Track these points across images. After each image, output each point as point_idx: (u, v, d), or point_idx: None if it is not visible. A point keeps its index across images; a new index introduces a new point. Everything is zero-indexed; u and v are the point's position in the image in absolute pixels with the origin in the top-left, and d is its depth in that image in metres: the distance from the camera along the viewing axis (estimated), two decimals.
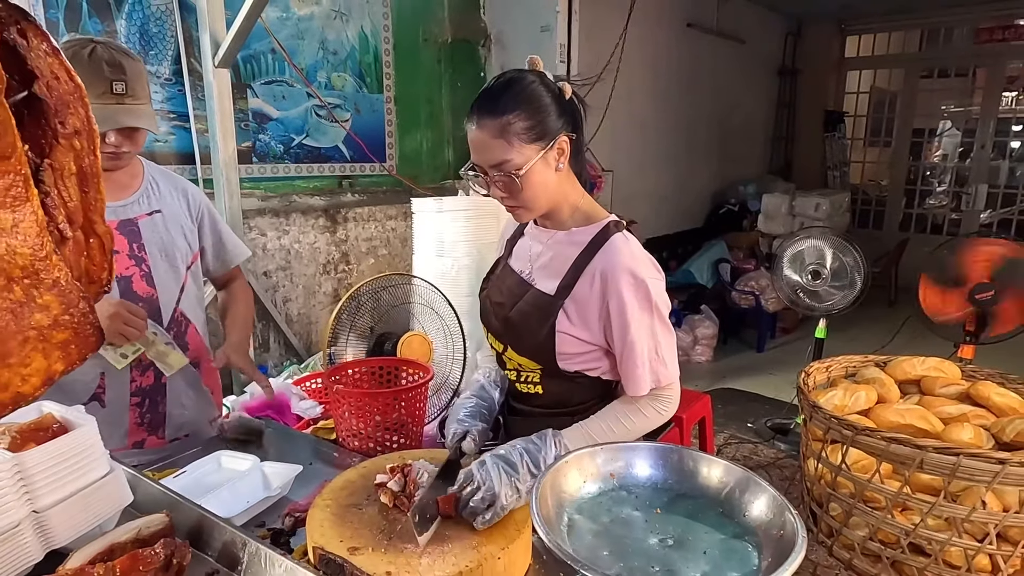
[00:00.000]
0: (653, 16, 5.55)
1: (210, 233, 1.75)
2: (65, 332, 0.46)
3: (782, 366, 5.20)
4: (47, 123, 0.45)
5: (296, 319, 3.59)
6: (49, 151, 0.46)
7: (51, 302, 0.45)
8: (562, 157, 1.18)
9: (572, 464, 0.78)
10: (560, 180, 1.21)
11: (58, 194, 0.46)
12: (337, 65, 3.59)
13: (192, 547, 1.04)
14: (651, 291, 1.18)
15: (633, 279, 1.16)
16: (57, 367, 0.46)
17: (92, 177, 0.49)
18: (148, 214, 1.60)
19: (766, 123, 8.09)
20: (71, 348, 0.46)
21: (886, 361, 1.59)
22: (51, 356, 0.45)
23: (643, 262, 1.20)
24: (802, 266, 3.05)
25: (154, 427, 1.64)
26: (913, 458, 1.09)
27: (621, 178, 5.62)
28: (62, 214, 0.47)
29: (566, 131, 1.18)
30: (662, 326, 1.21)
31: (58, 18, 2.54)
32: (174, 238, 1.63)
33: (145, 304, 1.57)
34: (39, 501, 1.00)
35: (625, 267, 1.17)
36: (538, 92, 1.15)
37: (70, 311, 0.46)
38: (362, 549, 0.94)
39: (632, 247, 1.21)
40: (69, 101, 0.45)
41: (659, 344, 1.20)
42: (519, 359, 1.29)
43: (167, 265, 1.62)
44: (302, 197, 3.56)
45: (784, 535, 0.66)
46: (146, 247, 1.58)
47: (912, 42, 8.07)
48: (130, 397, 1.59)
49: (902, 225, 8.22)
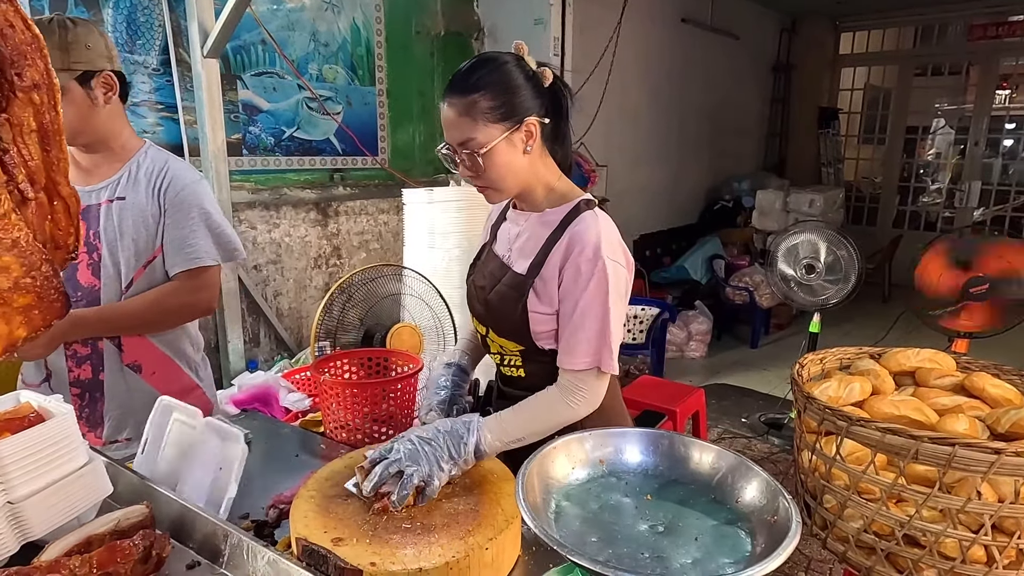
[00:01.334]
0: (647, 11, 5.53)
1: (170, 227, 1.56)
2: (27, 296, 0.43)
3: (776, 361, 5.21)
4: (3, 75, 0.42)
5: (287, 313, 3.56)
6: (6, 105, 0.43)
7: (11, 263, 0.42)
8: (530, 139, 1.18)
9: (560, 450, 0.76)
10: (531, 162, 1.21)
11: (17, 152, 0.44)
12: (329, 57, 3.55)
13: (173, 539, 1.02)
14: (608, 272, 1.14)
15: (593, 255, 1.15)
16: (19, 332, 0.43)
17: (54, 135, 0.46)
18: (110, 200, 1.52)
19: (760, 119, 8.09)
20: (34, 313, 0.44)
21: (881, 353, 1.57)
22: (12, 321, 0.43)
23: (608, 242, 1.17)
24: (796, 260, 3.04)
25: (92, 424, 1.58)
26: (908, 449, 1.07)
27: (615, 173, 5.61)
28: (22, 173, 0.44)
29: (538, 114, 1.17)
30: (615, 315, 1.16)
31: (43, 6, 2.50)
32: (132, 229, 1.52)
33: (84, 295, 1.51)
34: (14, 492, 0.97)
35: (587, 242, 1.16)
36: (508, 73, 1.16)
37: (32, 274, 0.43)
38: (346, 540, 0.92)
39: (600, 225, 1.18)
40: (26, 52, 0.43)
41: (608, 328, 1.15)
42: (500, 341, 1.30)
43: (119, 257, 1.52)
44: (293, 190, 3.52)
45: (778, 520, 0.64)
46: (101, 235, 1.50)
47: (906, 39, 8.08)
48: (69, 387, 1.54)
49: (896, 222, 8.24)
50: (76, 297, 1.49)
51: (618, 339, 1.18)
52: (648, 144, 6.08)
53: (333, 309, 1.80)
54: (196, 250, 1.56)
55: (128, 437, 1.58)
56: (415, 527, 0.94)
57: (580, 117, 4.77)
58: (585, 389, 1.18)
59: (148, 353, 1.60)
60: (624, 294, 1.20)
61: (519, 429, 1.15)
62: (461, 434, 1.09)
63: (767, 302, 5.70)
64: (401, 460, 1.02)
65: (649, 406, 2.85)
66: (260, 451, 1.48)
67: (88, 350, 1.54)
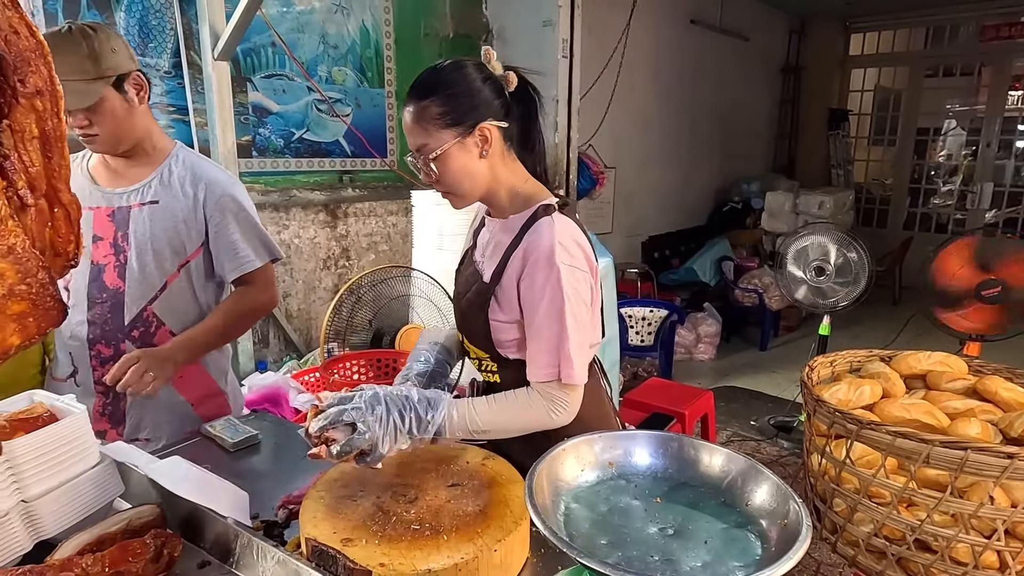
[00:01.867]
0: (656, 12, 5.53)
1: (219, 235, 1.59)
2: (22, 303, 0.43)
3: (785, 364, 5.18)
4: (6, 81, 0.42)
5: (296, 314, 3.58)
6: (8, 111, 0.43)
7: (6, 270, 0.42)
8: (486, 144, 1.16)
9: (569, 451, 0.76)
10: (491, 167, 1.19)
11: (18, 158, 0.44)
12: (338, 59, 3.57)
13: (184, 538, 1.02)
14: (562, 278, 1.11)
15: (546, 263, 1.12)
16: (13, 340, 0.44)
17: (56, 142, 0.46)
18: (141, 204, 1.53)
19: (769, 121, 8.06)
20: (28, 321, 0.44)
21: (891, 356, 1.56)
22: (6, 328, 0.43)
23: (562, 247, 1.12)
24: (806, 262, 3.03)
25: (115, 422, 1.58)
26: (919, 452, 1.07)
27: (623, 175, 5.60)
28: (22, 179, 0.44)
29: (495, 118, 1.16)
30: (573, 321, 1.11)
31: (56, 9, 2.53)
32: (164, 233, 1.53)
33: (109, 297, 1.52)
34: (27, 490, 0.98)
35: (541, 250, 1.13)
36: (461, 79, 1.15)
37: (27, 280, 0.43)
38: (356, 541, 0.92)
39: (556, 230, 1.13)
40: (30, 58, 0.43)
41: (566, 338, 1.11)
42: (473, 348, 1.30)
43: (149, 260, 1.53)
44: (302, 192, 3.54)
45: (788, 524, 0.63)
46: (130, 238, 1.51)
47: (917, 40, 8.03)
48: (94, 385, 1.55)
49: (906, 224, 8.19)
50: (102, 299, 1.51)
51: (580, 346, 1.13)
52: (657, 146, 6.07)
53: (342, 310, 1.81)
54: (248, 253, 1.60)
55: (147, 437, 1.59)
56: (424, 528, 0.95)
57: (588, 119, 4.77)
58: (560, 400, 1.14)
59: None
60: (586, 297, 1.15)
61: (489, 422, 1.12)
62: (428, 410, 1.06)
63: (776, 304, 5.67)
64: (361, 410, 1.01)
65: (657, 408, 2.84)
66: (269, 451, 1.49)
67: (111, 351, 1.54)
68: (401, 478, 1.09)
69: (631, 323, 4.43)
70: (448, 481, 1.08)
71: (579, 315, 1.13)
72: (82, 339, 1.52)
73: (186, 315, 1.61)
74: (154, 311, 1.56)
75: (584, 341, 1.15)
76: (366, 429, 1.00)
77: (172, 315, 1.58)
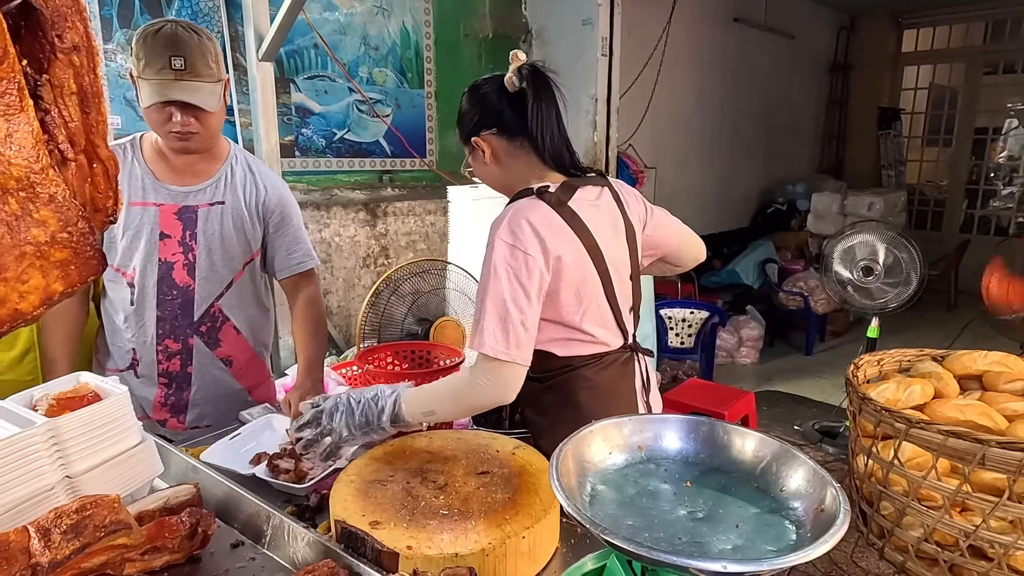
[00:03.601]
0: (698, 10, 5.44)
1: (278, 235, 1.67)
2: (64, 251, 0.45)
3: (831, 369, 5.02)
4: (44, 36, 0.44)
5: (336, 311, 3.64)
6: (47, 66, 0.45)
7: (48, 217, 0.44)
8: (486, 153, 1.30)
9: (597, 433, 0.74)
10: (502, 168, 1.32)
11: (58, 113, 0.45)
12: (379, 60, 3.62)
13: (218, 518, 1.04)
14: (494, 251, 1.15)
15: (490, 240, 1.18)
16: (56, 287, 0.45)
17: (93, 97, 0.48)
18: (210, 204, 1.57)
19: (816, 121, 7.84)
20: (70, 268, 0.45)
21: (944, 355, 1.49)
22: (50, 275, 0.44)
23: (510, 227, 1.16)
24: (853, 262, 2.91)
25: (176, 411, 1.64)
26: (974, 453, 1.01)
27: (664, 175, 5.53)
28: (63, 134, 0.46)
29: (487, 129, 1.29)
30: (493, 292, 1.13)
31: (111, 14, 2.63)
32: (232, 232, 1.59)
33: (179, 294, 1.57)
34: (72, 467, 1.01)
35: (493, 227, 1.19)
36: (463, 103, 1.33)
37: (68, 229, 0.45)
38: (384, 524, 0.92)
39: (512, 211, 1.18)
40: (66, 14, 0.44)
41: (484, 310, 1.14)
42: None
43: (217, 258, 1.59)
44: (343, 191, 3.60)
45: (824, 510, 0.60)
46: (198, 237, 1.56)
47: (975, 35, 7.69)
48: (158, 377, 1.61)
49: (963, 227, 7.85)
50: (172, 296, 1.57)
51: (502, 320, 1.12)
52: (699, 146, 5.97)
53: (379, 305, 1.83)
54: (303, 254, 1.71)
55: (208, 424, 1.66)
56: (452, 513, 0.94)
57: (628, 118, 4.73)
58: (480, 371, 1.14)
59: (241, 349, 1.70)
60: (523, 278, 1.14)
61: (429, 402, 1.16)
62: (381, 405, 1.16)
63: (822, 308, 5.50)
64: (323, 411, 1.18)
65: (696, 408, 2.78)
66: None
67: (179, 346, 1.60)
68: (431, 465, 1.09)
69: (671, 324, 4.36)
70: (478, 469, 1.07)
71: (507, 291, 1.13)
72: (151, 334, 1.57)
73: (248, 310, 1.68)
74: (220, 307, 1.62)
75: (513, 318, 1.13)
76: (328, 425, 1.17)
77: (236, 311, 1.65)
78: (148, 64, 1.38)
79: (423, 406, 1.16)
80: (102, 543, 0.80)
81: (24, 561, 0.74)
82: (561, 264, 1.18)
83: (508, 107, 1.27)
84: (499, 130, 1.28)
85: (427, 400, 1.16)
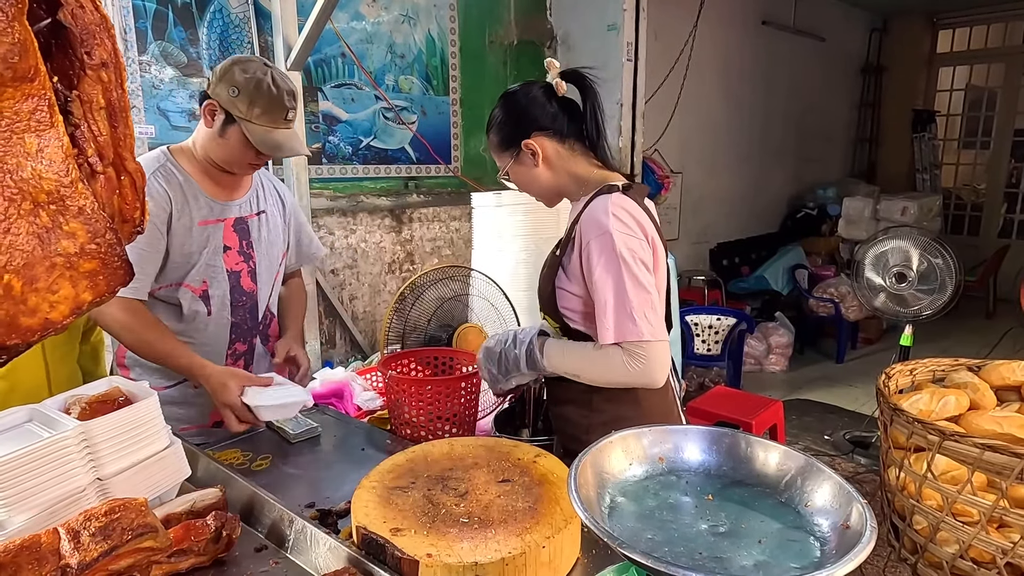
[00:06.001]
0: (725, 13, 5.39)
1: (294, 232, 1.84)
2: (92, 262, 0.46)
3: (863, 378, 4.90)
4: (74, 53, 0.45)
5: (361, 316, 3.67)
6: (77, 82, 0.46)
7: (77, 229, 0.45)
8: (537, 156, 1.31)
9: (616, 444, 0.74)
10: (552, 169, 1.33)
11: (87, 127, 0.47)
12: (404, 68, 3.66)
13: (243, 522, 1.06)
14: (616, 242, 1.19)
15: (599, 229, 1.20)
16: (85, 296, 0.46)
17: (121, 112, 0.49)
18: (256, 214, 1.70)
19: (848, 124, 7.70)
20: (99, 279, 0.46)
21: (980, 365, 1.44)
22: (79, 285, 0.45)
23: (615, 216, 1.21)
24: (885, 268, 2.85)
25: None
26: (1012, 467, 0.97)
27: (691, 180, 5.48)
28: (92, 148, 0.47)
29: (540, 131, 1.30)
30: (631, 280, 1.18)
31: (146, 27, 2.70)
32: (274, 238, 1.74)
33: (248, 300, 1.69)
34: (103, 469, 1.04)
35: (594, 219, 1.22)
36: (505, 108, 1.33)
37: (96, 240, 0.46)
38: (405, 531, 0.92)
39: (610, 203, 1.22)
40: (95, 31, 0.46)
41: (627, 298, 1.18)
42: (546, 318, 1.41)
43: (268, 263, 1.72)
44: (369, 197, 3.64)
45: (850, 527, 0.59)
46: (254, 245, 1.68)
47: (1014, 35, 7.48)
48: None
49: (1002, 232, 7.62)
50: (242, 302, 1.68)
51: (641, 304, 1.19)
52: (726, 150, 5.90)
53: (403, 310, 1.84)
54: (317, 244, 1.95)
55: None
56: (473, 521, 0.94)
57: (654, 123, 4.70)
58: (637, 359, 1.19)
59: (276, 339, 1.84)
60: (641, 261, 1.21)
61: (578, 367, 1.28)
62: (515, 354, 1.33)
63: (854, 315, 5.39)
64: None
65: (723, 417, 2.74)
66: (329, 444, 1.52)
67: (245, 347, 1.72)
68: (452, 472, 1.09)
69: (697, 331, 4.30)
70: (499, 477, 1.07)
71: (641, 275, 1.19)
72: (225, 339, 1.67)
73: (278, 304, 1.84)
74: (270, 307, 1.78)
75: (647, 299, 1.20)
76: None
77: (275, 308, 1.82)
78: (266, 112, 1.49)
79: (569, 367, 1.29)
80: (129, 546, 0.82)
81: (55, 562, 0.76)
82: (655, 251, 1.26)
83: (559, 110, 1.31)
84: (553, 132, 1.30)
85: (575, 364, 1.28)
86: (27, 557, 0.76)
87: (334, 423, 1.66)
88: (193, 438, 1.58)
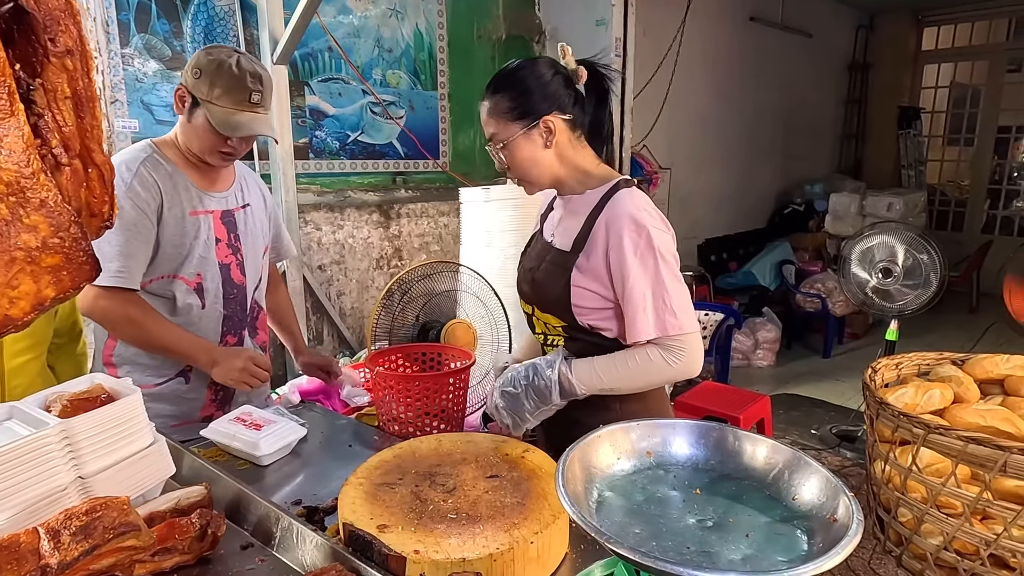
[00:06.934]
0: (714, 9, 5.40)
1: (273, 227, 1.86)
2: (55, 256, 0.45)
3: (850, 372, 4.95)
4: (37, 40, 0.44)
5: (349, 312, 3.65)
6: (40, 70, 0.45)
7: (39, 223, 0.44)
8: (551, 136, 1.25)
9: (604, 438, 0.73)
10: (558, 154, 1.28)
11: (52, 117, 0.45)
12: (392, 63, 3.63)
13: (228, 520, 1.04)
14: (653, 239, 1.18)
15: (635, 225, 1.19)
16: (48, 292, 0.45)
17: (88, 102, 0.48)
18: (242, 207, 1.69)
19: (835, 120, 7.75)
20: (63, 274, 0.45)
21: (964, 359, 1.45)
22: (41, 280, 0.44)
23: (647, 212, 1.21)
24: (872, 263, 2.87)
25: (222, 404, 1.71)
26: (995, 460, 0.98)
27: (679, 176, 5.49)
28: (56, 139, 0.46)
29: (559, 111, 1.24)
30: (669, 275, 1.19)
31: (129, 19, 2.66)
32: (258, 231, 1.74)
33: (238, 292, 1.68)
34: (85, 467, 1.02)
35: (627, 215, 1.20)
36: (530, 75, 1.25)
37: (60, 234, 0.44)
38: (392, 527, 0.92)
39: (637, 199, 1.22)
40: (59, 17, 0.44)
41: (666, 292, 1.18)
42: (544, 317, 1.35)
43: (253, 256, 1.72)
44: (357, 193, 3.61)
45: (837, 519, 0.59)
46: (241, 238, 1.68)
47: (998, 33, 7.56)
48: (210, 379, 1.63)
49: (985, 228, 7.71)
50: (233, 295, 1.67)
51: (680, 297, 1.19)
52: (714, 146, 5.92)
53: (391, 306, 1.83)
54: (288, 241, 1.96)
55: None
56: (461, 517, 0.93)
57: (642, 119, 4.70)
58: (675, 348, 1.19)
59: (266, 333, 1.85)
60: (673, 253, 1.22)
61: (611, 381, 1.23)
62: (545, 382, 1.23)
63: (841, 310, 5.43)
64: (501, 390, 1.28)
65: (711, 412, 2.75)
66: (315, 440, 1.51)
67: (235, 339, 1.72)
68: (440, 468, 1.09)
69: None
70: (487, 472, 1.07)
71: (673, 271, 1.20)
72: (217, 332, 1.66)
73: (263, 301, 1.83)
74: (257, 299, 1.77)
75: (684, 293, 1.20)
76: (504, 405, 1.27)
77: (263, 301, 1.82)
78: (227, 93, 1.46)
79: (607, 382, 1.22)
80: (111, 545, 0.81)
81: (34, 562, 0.75)
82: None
83: (576, 98, 1.28)
84: (570, 117, 1.27)
85: (611, 376, 1.22)
86: (6, 557, 0.74)
87: (320, 419, 1.65)
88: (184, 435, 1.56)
